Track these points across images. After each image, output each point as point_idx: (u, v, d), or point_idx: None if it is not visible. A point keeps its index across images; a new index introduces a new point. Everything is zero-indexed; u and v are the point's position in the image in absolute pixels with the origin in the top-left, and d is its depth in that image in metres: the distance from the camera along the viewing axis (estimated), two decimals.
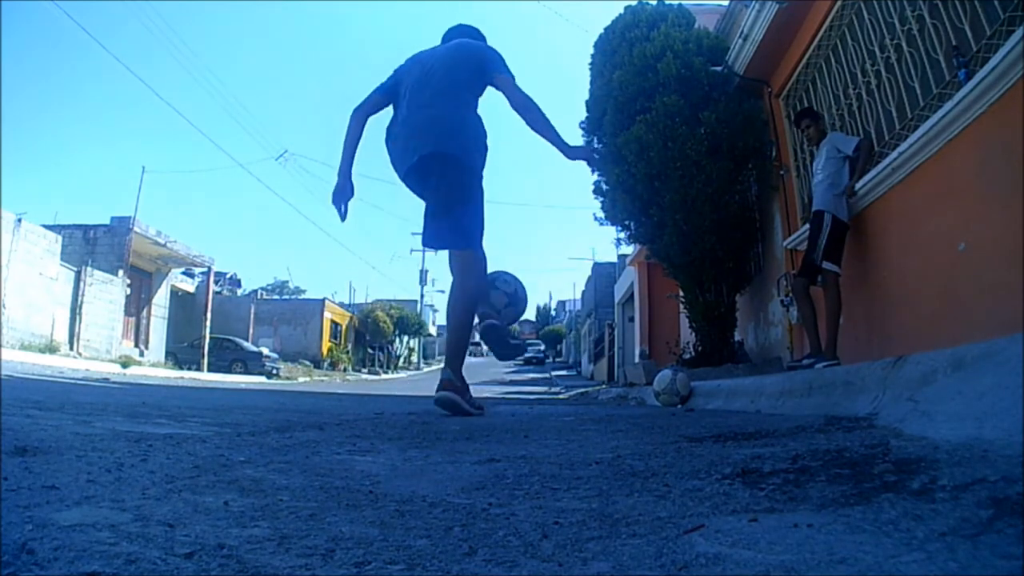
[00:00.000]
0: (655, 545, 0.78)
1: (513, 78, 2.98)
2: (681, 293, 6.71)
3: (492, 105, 3.11)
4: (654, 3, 6.99)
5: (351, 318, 32.93)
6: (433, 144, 2.84)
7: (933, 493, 0.89)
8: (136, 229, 16.61)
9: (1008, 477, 0.89)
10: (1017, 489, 0.83)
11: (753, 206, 6.53)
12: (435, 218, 2.98)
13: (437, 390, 2.76)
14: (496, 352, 3.20)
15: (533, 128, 2.92)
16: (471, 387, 2.89)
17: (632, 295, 16.21)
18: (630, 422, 2.48)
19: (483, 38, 3.31)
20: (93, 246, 16.48)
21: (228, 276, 34.75)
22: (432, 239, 3.03)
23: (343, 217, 2.96)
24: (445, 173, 2.87)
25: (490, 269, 3.15)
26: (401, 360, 37.97)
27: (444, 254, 3.09)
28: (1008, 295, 2.66)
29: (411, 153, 2.86)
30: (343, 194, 2.97)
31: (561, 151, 2.95)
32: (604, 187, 7.07)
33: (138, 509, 0.87)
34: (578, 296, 43.71)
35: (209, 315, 19.65)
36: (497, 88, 2.99)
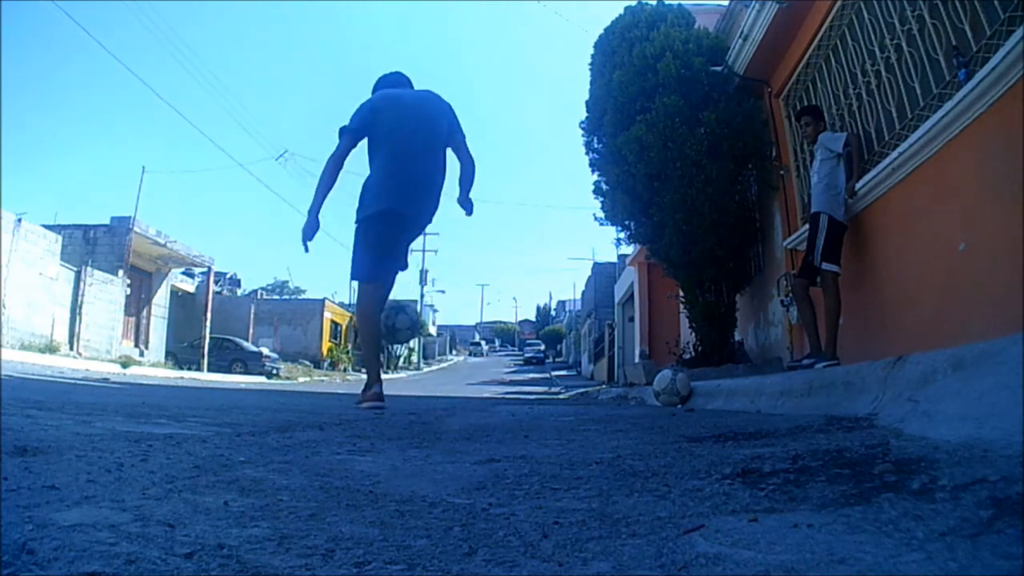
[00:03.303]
0: (655, 545, 0.78)
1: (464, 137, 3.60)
2: (681, 293, 6.71)
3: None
4: (654, 3, 6.98)
5: (351, 318, 32.84)
6: (427, 214, 3.49)
7: (933, 493, 0.89)
8: (136, 229, 16.58)
9: (1008, 477, 0.89)
10: (1017, 489, 0.83)
11: (753, 206, 6.53)
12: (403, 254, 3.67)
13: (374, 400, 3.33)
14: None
15: (466, 181, 3.52)
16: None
17: (632, 295, 16.21)
18: (630, 422, 2.48)
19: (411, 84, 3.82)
20: (93, 246, 16.46)
21: (228, 276, 34.69)
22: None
23: (307, 250, 3.38)
24: (416, 230, 3.63)
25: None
26: (401, 360, 37.94)
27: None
28: (1008, 295, 2.65)
29: (405, 204, 3.37)
30: (311, 231, 3.33)
31: (462, 197, 3.51)
32: (604, 187, 7.07)
33: (138, 509, 0.87)
34: (578, 296, 43.68)
35: (209, 315, 19.61)
36: (453, 146, 3.53)
